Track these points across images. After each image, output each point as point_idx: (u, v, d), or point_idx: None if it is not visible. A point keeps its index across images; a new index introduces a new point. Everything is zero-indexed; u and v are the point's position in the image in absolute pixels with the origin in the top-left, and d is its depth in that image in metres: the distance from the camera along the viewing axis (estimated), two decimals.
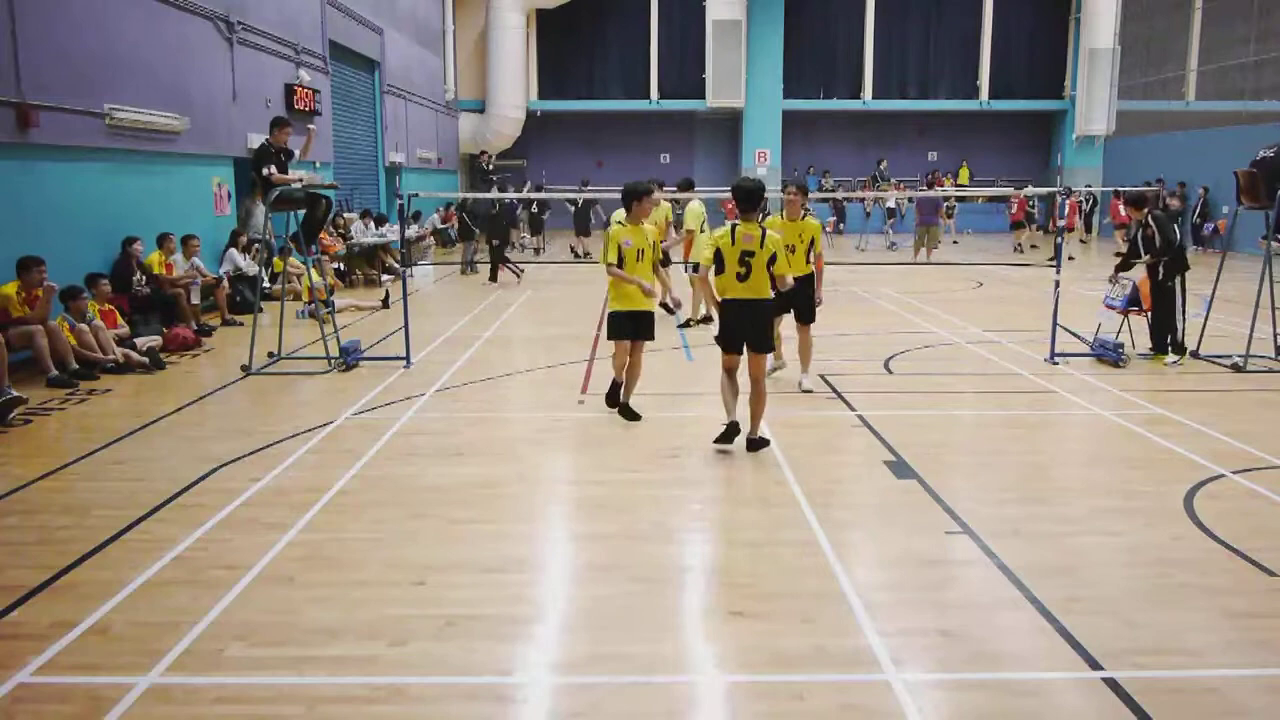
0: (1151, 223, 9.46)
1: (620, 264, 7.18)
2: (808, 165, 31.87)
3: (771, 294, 6.44)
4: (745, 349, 6.49)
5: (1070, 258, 21.62)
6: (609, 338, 7.42)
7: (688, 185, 12.87)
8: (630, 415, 7.34)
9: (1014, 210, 24.09)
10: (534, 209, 22.30)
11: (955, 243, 26.47)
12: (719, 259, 6.37)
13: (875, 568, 4.70)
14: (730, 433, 6.43)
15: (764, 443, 6.50)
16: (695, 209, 12.42)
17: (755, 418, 6.52)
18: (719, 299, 6.52)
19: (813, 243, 8.12)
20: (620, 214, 8.20)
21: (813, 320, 8.30)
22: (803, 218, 8.09)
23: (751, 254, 6.28)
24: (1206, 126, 26.23)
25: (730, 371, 6.62)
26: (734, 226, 6.37)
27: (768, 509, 5.47)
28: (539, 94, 31.21)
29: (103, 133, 10.57)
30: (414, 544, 4.94)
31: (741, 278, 6.33)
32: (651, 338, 7.49)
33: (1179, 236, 9.48)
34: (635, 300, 7.25)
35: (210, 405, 8.03)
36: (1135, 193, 10.03)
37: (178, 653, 3.79)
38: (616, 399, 7.52)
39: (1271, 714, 3.45)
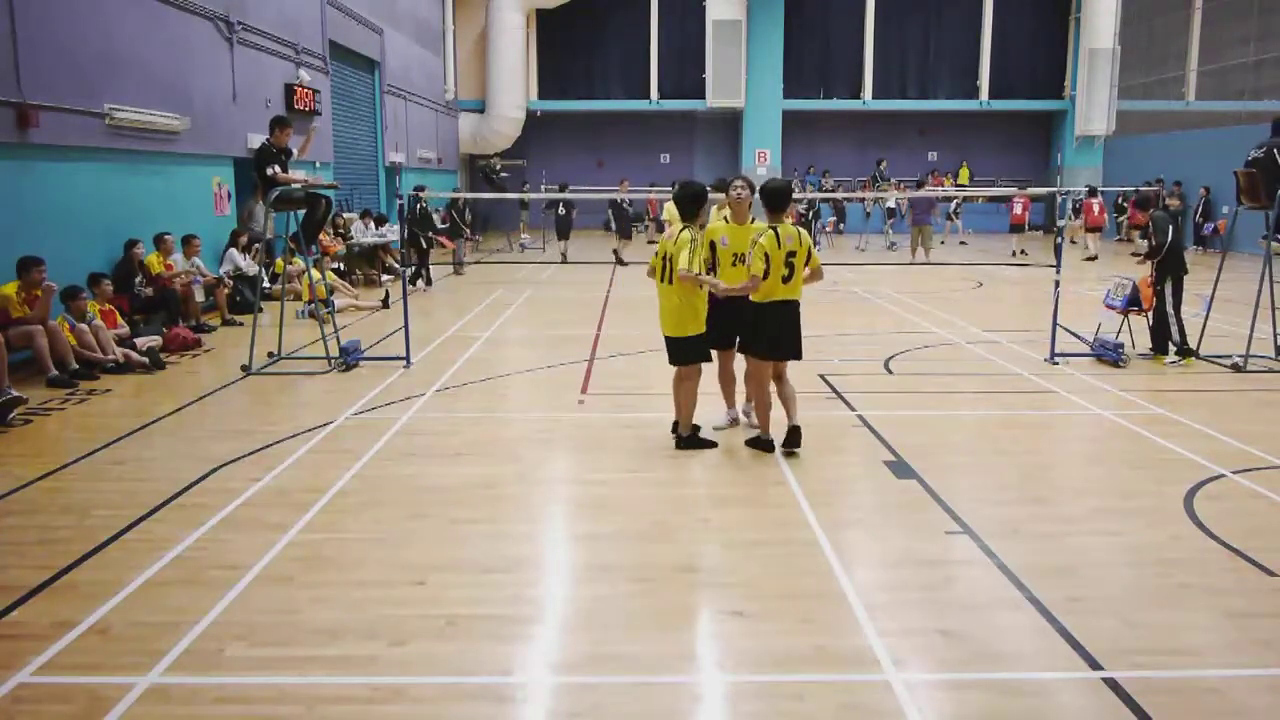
0: (1150, 223, 9.49)
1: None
2: (808, 165, 31.91)
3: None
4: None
5: (1095, 256, 21.74)
6: (702, 359, 6.52)
7: (723, 186, 12.81)
8: (795, 442, 6.44)
9: (1018, 211, 23.97)
10: (560, 210, 21.29)
11: (963, 243, 26.36)
12: (765, 262, 6.16)
13: (875, 568, 4.70)
14: (770, 445, 6.46)
15: (800, 433, 6.46)
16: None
17: (793, 405, 6.48)
18: (759, 301, 6.23)
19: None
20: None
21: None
22: (753, 220, 6.73)
23: (794, 253, 6.17)
24: (1206, 126, 26.23)
25: (765, 383, 6.39)
26: (776, 230, 6.14)
27: (768, 509, 5.47)
28: (539, 94, 31.22)
29: (103, 133, 10.57)
30: (414, 544, 4.94)
31: (786, 279, 6.20)
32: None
33: (1169, 238, 9.43)
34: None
35: (210, 405, 8.03)
36: (1142, 196, 10.03)
37: (178, 653, 3.79)
38: (698, 440, 6.64)
39: (1271, 714, 3.45)
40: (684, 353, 6.48)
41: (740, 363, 6.81)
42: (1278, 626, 4.05)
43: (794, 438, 6.38)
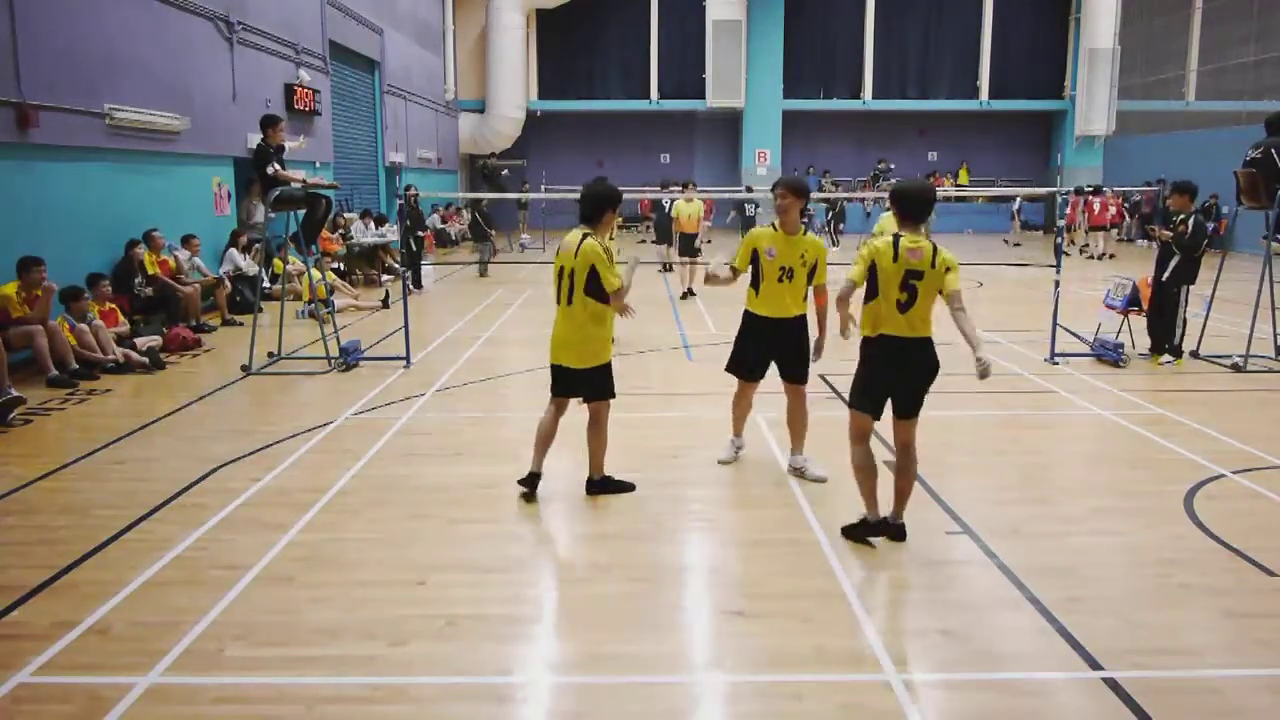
0: (1190, 223, 9.33)
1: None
2: (808, 165, 31.88)
3: (932, 332, 4.83)
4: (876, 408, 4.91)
5: (1103, 255, 21.82)
6: (610, 394, 5.67)
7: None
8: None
9: (1098, 212, 22.79)
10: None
11: (1018, 245, 25.90)
12: (872, 280, 4.75)
13: (875, 568, 4.70)
14: (882, 529, 4.92)
15: (904, 529, 4.96)
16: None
17: (903, 497, 4.95)
18: (867, 334, 4.85)
19: (815, 269, 5.86)
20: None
21: (805, 380, 6.06)
22: (803, 232, 5.88)
23: (919, 275, 4.67)
24: (1206, 126, 26.23)
25: (865, 440, 4.94)
26: (897, 238, 4.71)
27: (768, 509, 5.47)
28: (539, 94, 31.22)
29: (103, 133, 10.57)
30: (414, 544, 4.95)
31: (903, 306, 4.70)
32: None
33: (1204, 243, 9.38)
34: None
35: (210, 405, 8.03)
36: (1186, 182, 9.80)
37: (178, 653, 3.80)
38: (614, 483, 5.75)
39: (1271, 714, 3.45)
40: (591, 386, 5.55)
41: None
42: (1278, 626, 4.05)
43: (899, 533, 4.94)
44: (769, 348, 5.99)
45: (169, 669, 3.68)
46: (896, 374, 4.83)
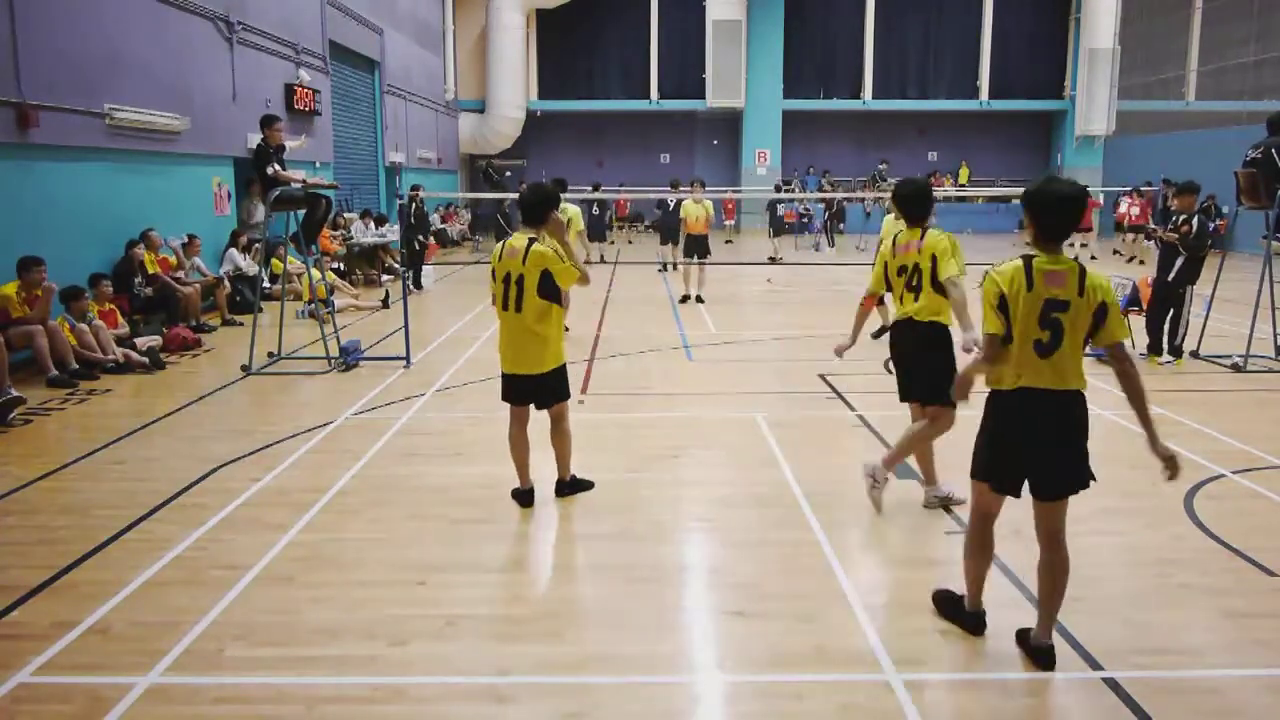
0: (1193, 223, 9.32)
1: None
2: (808, 165, 31.90)
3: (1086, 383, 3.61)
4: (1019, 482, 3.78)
5: (1141, 260, 21.65)
6: (567, 394, 5.56)
7: (564, 185, 12.00)
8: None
9: (1123, 209, 21.75)
10: (594, 211, 19.88)
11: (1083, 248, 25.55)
12: (1004, 315, 3.59)
13: (875, 568, 4.70)
14: (977, 625, 3.98)
15: (1051, 654, 3.74)
16: (570, 210, 11.51)
17: (1049, 608, 3.76)
18: (996, 387, 3.70)
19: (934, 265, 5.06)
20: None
21: (945, 400, 4.99)
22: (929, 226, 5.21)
23: (1063, 306, 3.51)
24: (1206, 126, 26.24)
25: (987, 521, 3.93)
26: (1030, 261, 3.57)
27: (768, 509, 5.47)
28: (539, 94, 31.24)
29: (103, 133, 10.57)
30: (414, 544, 4.94)
31: (1044, 349, 3.54)
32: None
33: (1208, 243, 9.37)
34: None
35: (210, 405, 8.03)
36: (1189, 183, 9.78)
37: (178, 653, 3.80)
38: (579, 483, 5.70)
39: (1271, 714, 3.45)
40: (555, 389, 5.44)
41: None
42: (1278, 626, 4.05)
43: (1044, 656, 3.73)
44: (939, 370, 5.14)
45: (169, 669, 3.68)
46: (1037, 438, 3.63)
